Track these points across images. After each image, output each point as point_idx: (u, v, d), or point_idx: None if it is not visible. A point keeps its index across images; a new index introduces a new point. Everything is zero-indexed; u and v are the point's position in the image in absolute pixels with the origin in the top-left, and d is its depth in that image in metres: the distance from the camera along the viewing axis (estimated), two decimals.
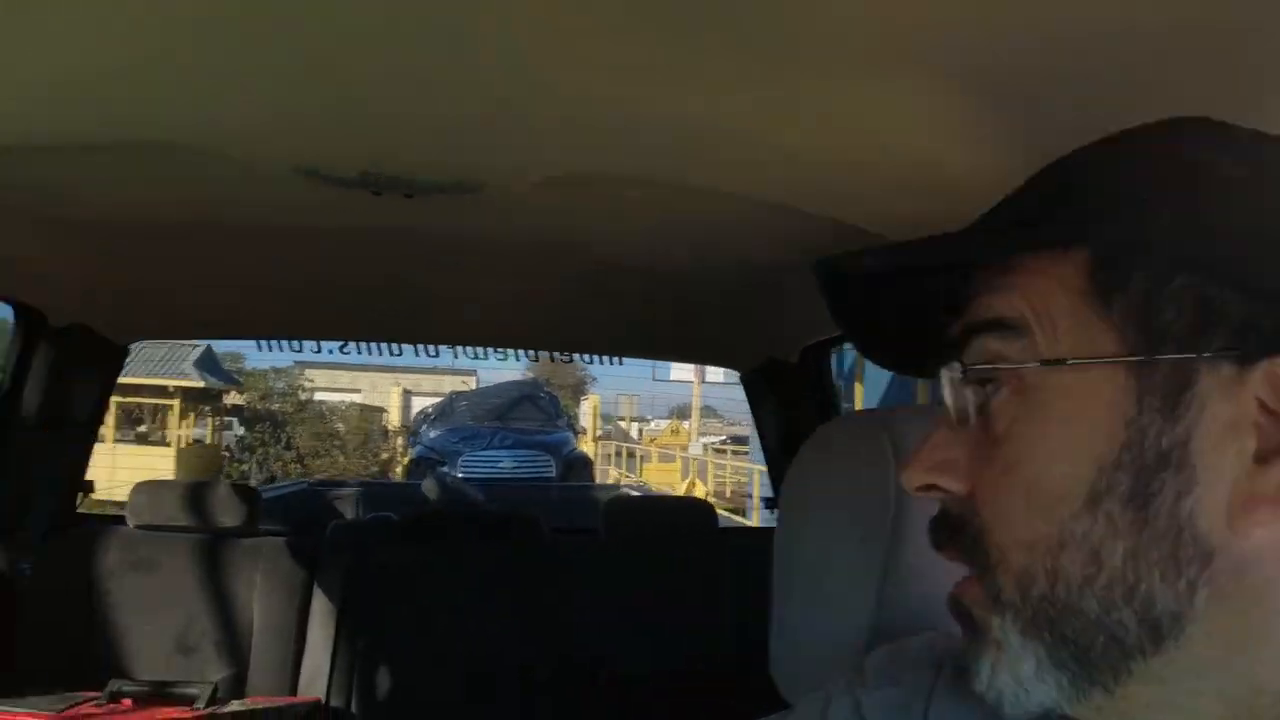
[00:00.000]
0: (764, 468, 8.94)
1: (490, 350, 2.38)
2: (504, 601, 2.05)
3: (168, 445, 15.33)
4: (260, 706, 1.68)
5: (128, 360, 2.18)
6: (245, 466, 15.37)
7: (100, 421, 2.17)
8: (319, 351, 2.49)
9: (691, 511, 2.33)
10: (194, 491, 2.02)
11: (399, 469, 15.13)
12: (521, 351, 2.63)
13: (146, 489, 2.04)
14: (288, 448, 15.80)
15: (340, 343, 2.30)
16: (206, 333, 3.73)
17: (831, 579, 0.68)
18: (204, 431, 16.85)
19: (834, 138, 0.80)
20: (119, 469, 12.87)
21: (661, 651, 2.02)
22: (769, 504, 2.42)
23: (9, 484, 1.90)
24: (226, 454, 16.30)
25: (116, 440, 14.74)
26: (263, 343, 2.56)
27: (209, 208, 1.24)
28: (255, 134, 0.89)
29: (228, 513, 2.00)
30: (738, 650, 1.99)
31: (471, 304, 1.87)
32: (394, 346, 2.30)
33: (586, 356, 2.34)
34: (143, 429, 16.14)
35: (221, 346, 16.04)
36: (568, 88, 0.72)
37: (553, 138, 0.86)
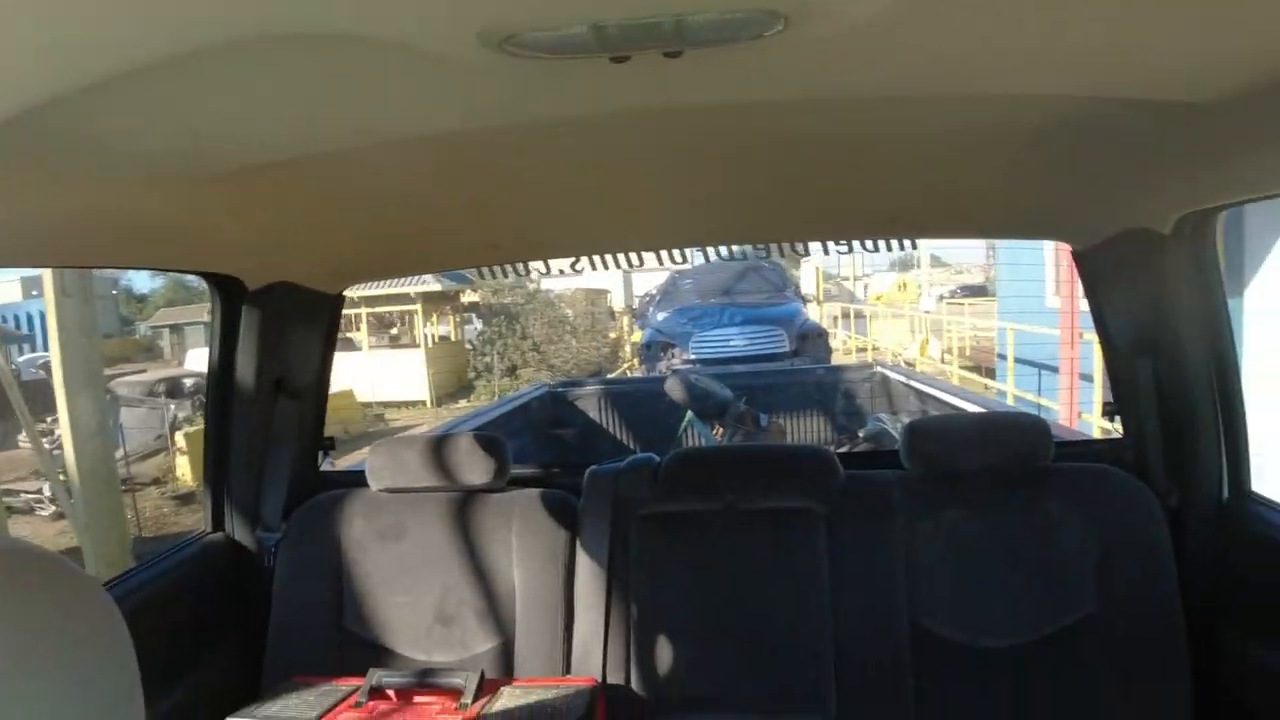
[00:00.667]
0: (1015, 326, 8.17)
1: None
2: (799, 555, 1.76)
3: (417, 346, 16.48)
4: (533, 699, 1.52)
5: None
6: (488, 358, 16.25)
7: (328, 377, 2.06)
8: None
9: (1017, 429, 1.83)
10: (436, 446, 1.86)
11: (627, 348, 15.38)
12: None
13: (385, 449, 1.91)
14: (523, 337, 16.49)
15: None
16: (418, 269, 3.65)
17: None
18: (448, 330, 17.97)
19: None
20: (377, 374, 14.08)
21: (1000, 615, 1.66)
22: (1108, 411, 1.90)
23: (243, 455, 1.83)
24: (470, 348, 17.31)
25: (372, 347, 16.10)
26: None
27: (394, 122, 1.01)
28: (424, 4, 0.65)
29: (474, 468, 1.83)
30: (1099, 610, 1.62)
31: (739, 197, 1.58)
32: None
33: (865, 246, 1.96)
34: (394, 333, 17.49)
35: None
36: None
37: None
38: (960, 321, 15.38)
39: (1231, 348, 1.62)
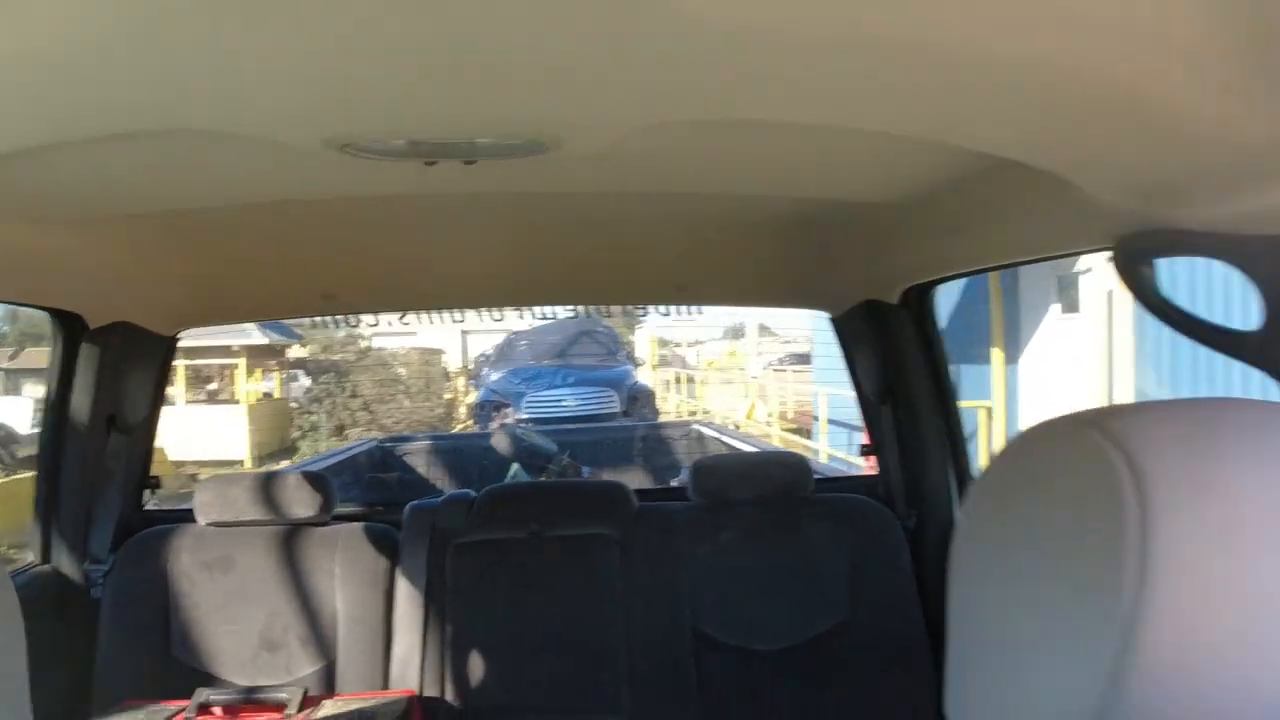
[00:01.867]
0: (830, 389, 8.73)
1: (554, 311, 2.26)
2: (596, 575, 1.98)
3: (237, 402, 15.68)
4: (353, 708, 1.63)
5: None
6: (315, 417, 15.67)
7: (158, 416, 2.11)
8: None
9: (782, 467, 2.16)
10: (263, 482, 1.96)
11: (462, 409, 15.28)
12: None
13: (213, 485, 1.99)
14: (353, 395, 16.02)
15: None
16: (255, 315, 3.68)
17: (1036, 647, 0.51)
18: (272, 386, 17.20)
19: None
20: (192, 431, 13.29)
21: (769, 622, 1.94)
22: (865, 451, 2.27)
23: (73, 489, 1.86)
24: (295, 405, 16.65)
25: (189, 401, 15.17)
26: None
27: (244, 189, 1.17)
28: (281, 112, 0.80)
29: (301, 502, 1.93)
30: (851, 616, 1.92)
31: (541, 262, 1.79)
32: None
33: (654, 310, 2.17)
34: (213, 387, 16.54)
35: None
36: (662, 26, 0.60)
37: (638, 86, 0.75)
38: (784, 387, 16.23)
39: (953, 396, 1.98)
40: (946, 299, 5.84)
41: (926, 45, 0.59)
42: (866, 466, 2.55)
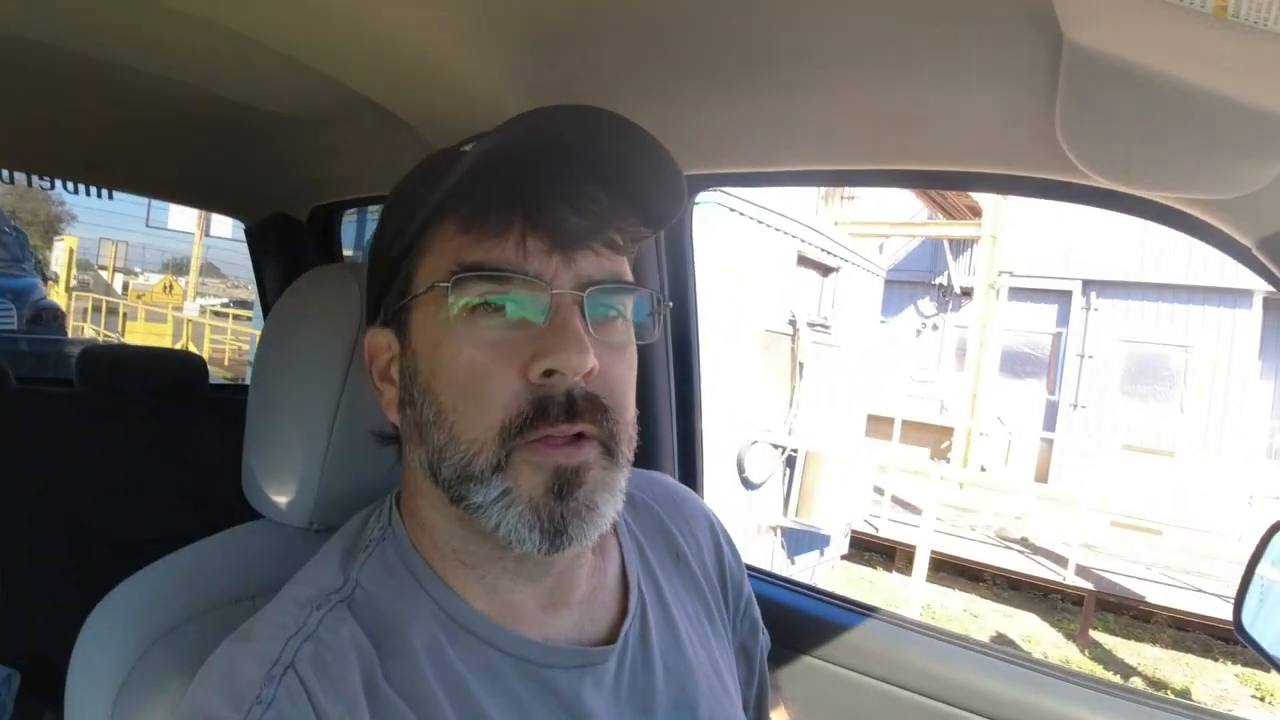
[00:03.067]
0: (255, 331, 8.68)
1: None
2: None
3: None
4: None
5: None
6: None
7: None
8: None
9: (179, 362, 2.21)
10: None
11: None
12: None
13: None
14: None
15: None
16: None
17: (297, 406, 0.83)
18: None
19: (370, 11, 0.87)
20: None
21: (161, 518, 1.82)
22: None
23: None
24: None
25: None
26: None
27: None
28: None
29: None
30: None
31: None
32: None
33: (65, 187, 2.02)
34: None
35: None
36: None
37: None
38: (223, 328, 15.43)
39: None
40: None
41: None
42: None
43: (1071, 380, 12.77)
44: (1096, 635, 6.87)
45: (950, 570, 7.93)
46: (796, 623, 1.30)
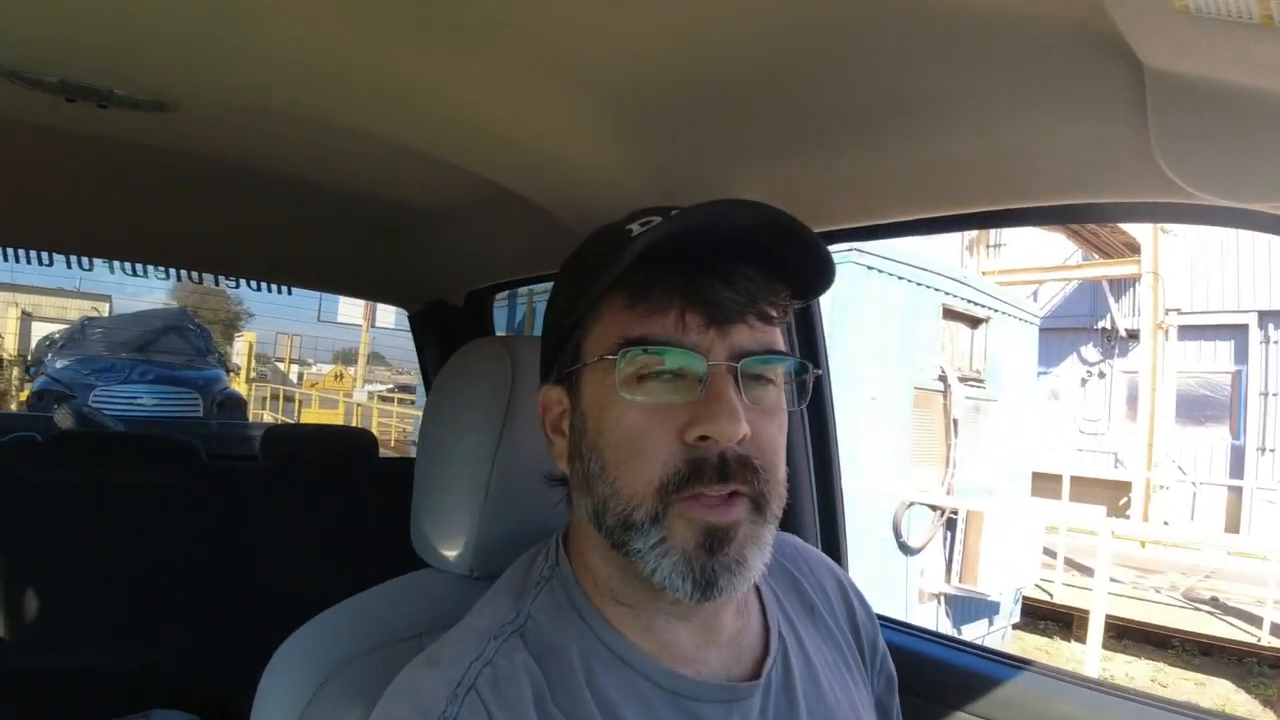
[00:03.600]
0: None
1: (129, 267, 2.18)
2: (163, 525, 2.13)
3: None
4: None
5: None
6: None
7: None
8: None
9: (351, 439, 2.46)
10: None
11: (14, 405, 13.24)
12: (165, 278, 2.47)
13: None
14: None
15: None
16: None
17: (458, 466, 0.91)
18: None
19: (500, 113, 1.00)
20: None
21: (334, 575, 2.03)
22: None
23: None
24: None
25: None
26: None
27: None
28: None
29: None
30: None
31: (149, 220, 1.83)
32: (9, 253, 2.03)
33: (242, 286, 2.28)
34: None
35: None
36: (267, 23, 0.83)
37: (246, 67, 0.94)
38: (389, 410, 16.31)
39: None
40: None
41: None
42: None
43: (1256, 421, 11.68)
44: None
45: (1135, 637, 7.31)
46: (942, 676, 1.28)
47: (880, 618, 1.47)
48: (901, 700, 0.95)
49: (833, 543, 1.57)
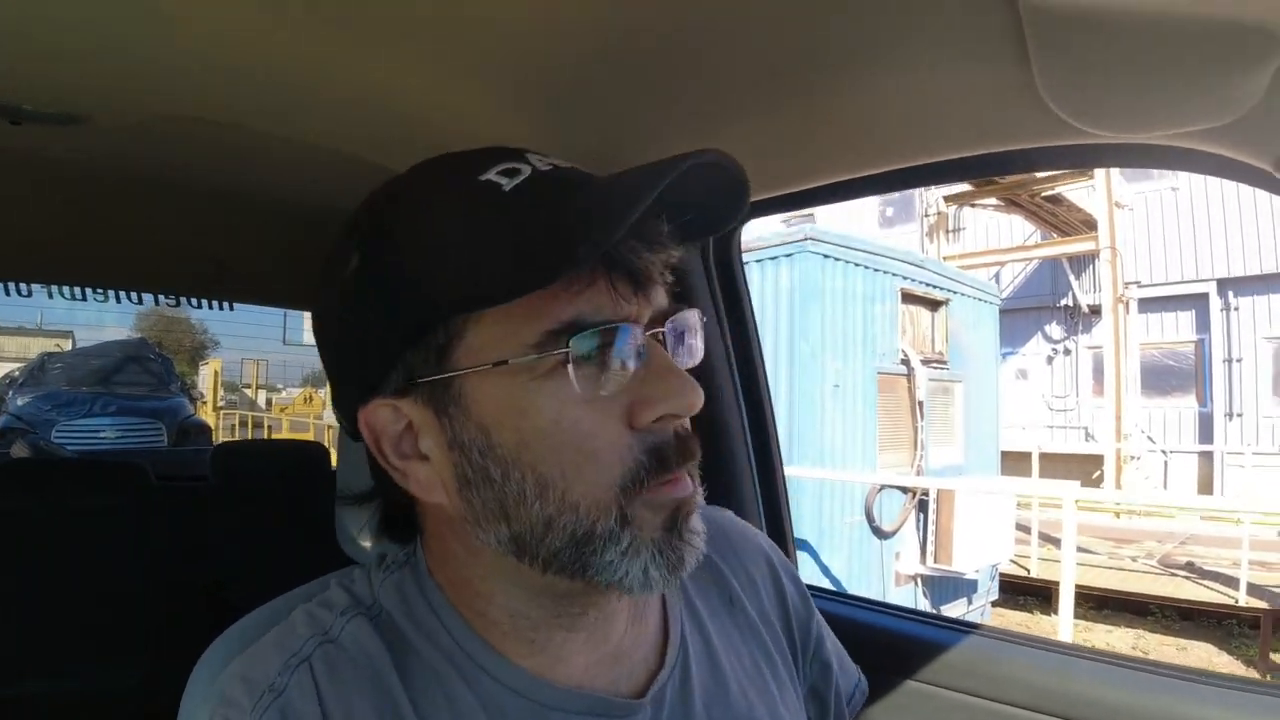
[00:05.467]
0: None
1: (89, 294, 2.17)
2: (115, 548, 2.12)
3: None
4: None
5: None
6: None
7: None
8: None
9: (303, 452, 2.45)
10: None
11: None
12: (127, 309, 2.49)
13: None
14: None
15: None
16: None
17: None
18: None
19: (419, 104, 0.97)
20: None
21: (291, 587, 2.08)
22: None
23: None
24: None
25: None
26: None
27: None
28: None
29: None
30: None
31: (82, 239, 1.78)
32: None
33: (205, 309, 2.26)
34: None
35: None
36: (190, 24, 0.79)
37: (156, 74, 0.90)
38: None
39: None
40: None
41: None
42: None
43: (1222, 387, 11.88)
44: (1279, 657, 6.26)
45: (1115, 606, 7.39)
46: (894, 646, 1.27)
47: (818, 590, 1.46)
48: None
49: (776, 523, 1.52)
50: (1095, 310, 12.16)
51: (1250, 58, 0.67)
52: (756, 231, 5.95)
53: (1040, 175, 10.31)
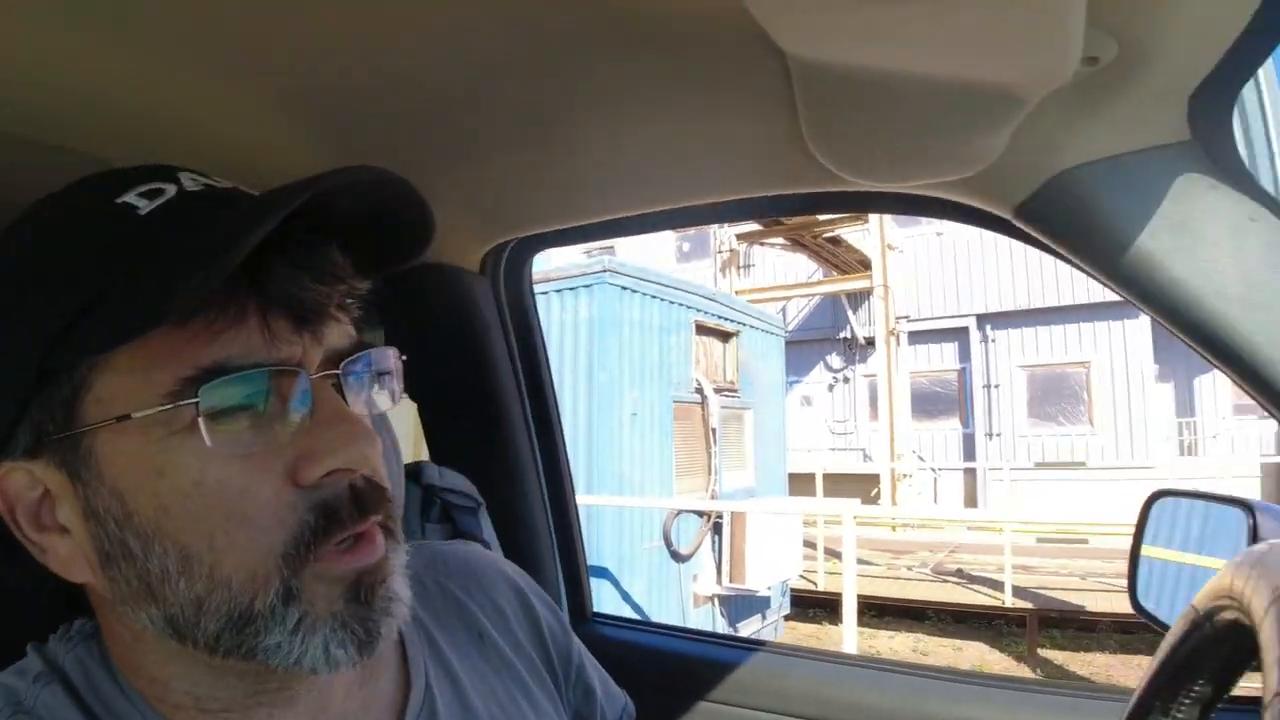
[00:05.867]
0: None
1: None
2: None
3: None
4: None
5: None
6: None
7: None
8: None
9: None
10: None
11: None
12: None
13: None
14: None
15: None
16: None
17: None
18: None
19: (191, 116, 0.87)
20: None
21: None
22: None
23: None
24: None
25: None
26: None
27: None
28: None
29: None
30: None
31: None
32: None
33: None
34: None
35: None
36: None
37: None
38: None
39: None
40: None
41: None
42: None
43: (982, 410, 13.19)
44: (1046, 653, 6.92)
45: (895, 613, 7.95)
46: (686, 668, 1.30)
47: (610, 619, 1.50)
48: (634, 696, 0.88)
49: (569, 553, 1.51)
50: (870, 342, 13.19)
51: (992, 116, 0.72)
52: (556, 262, 6.07)
53: (821, 218, 11.12)
